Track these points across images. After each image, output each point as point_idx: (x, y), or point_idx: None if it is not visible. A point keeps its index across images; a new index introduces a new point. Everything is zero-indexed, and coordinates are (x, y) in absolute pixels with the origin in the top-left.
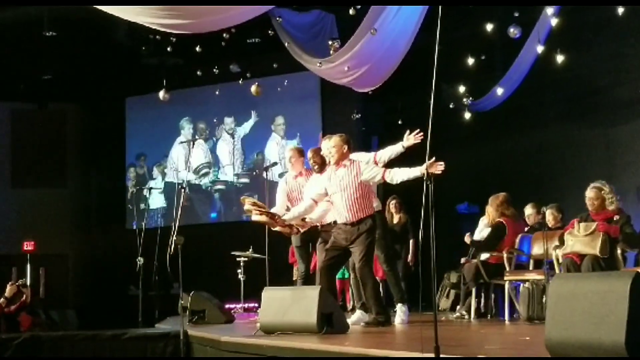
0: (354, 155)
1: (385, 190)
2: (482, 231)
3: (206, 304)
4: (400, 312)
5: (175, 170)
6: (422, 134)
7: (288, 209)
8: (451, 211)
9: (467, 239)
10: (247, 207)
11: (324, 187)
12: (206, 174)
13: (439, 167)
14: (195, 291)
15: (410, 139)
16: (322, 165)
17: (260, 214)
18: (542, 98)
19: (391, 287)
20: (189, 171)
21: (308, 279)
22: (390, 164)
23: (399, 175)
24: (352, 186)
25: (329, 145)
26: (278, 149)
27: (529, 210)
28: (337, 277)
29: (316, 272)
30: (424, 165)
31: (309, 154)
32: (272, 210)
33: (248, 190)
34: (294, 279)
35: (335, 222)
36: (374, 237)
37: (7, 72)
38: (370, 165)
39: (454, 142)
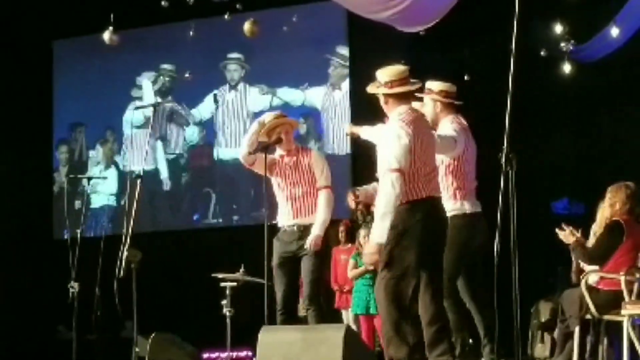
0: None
1: None
2: None
3: (173, 353)
4: None
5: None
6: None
7: None
8: (545, 211)
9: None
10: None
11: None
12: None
13: None
14: (157, 333)
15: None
16: None
17: None
18: None
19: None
20: (146, 154)
21: None
22: None
23: None
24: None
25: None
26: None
27: None
28: (358, 312)
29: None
30: None
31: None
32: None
33: (241, 178)
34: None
35: None
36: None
37: None
38: None
39: (548, 107)
